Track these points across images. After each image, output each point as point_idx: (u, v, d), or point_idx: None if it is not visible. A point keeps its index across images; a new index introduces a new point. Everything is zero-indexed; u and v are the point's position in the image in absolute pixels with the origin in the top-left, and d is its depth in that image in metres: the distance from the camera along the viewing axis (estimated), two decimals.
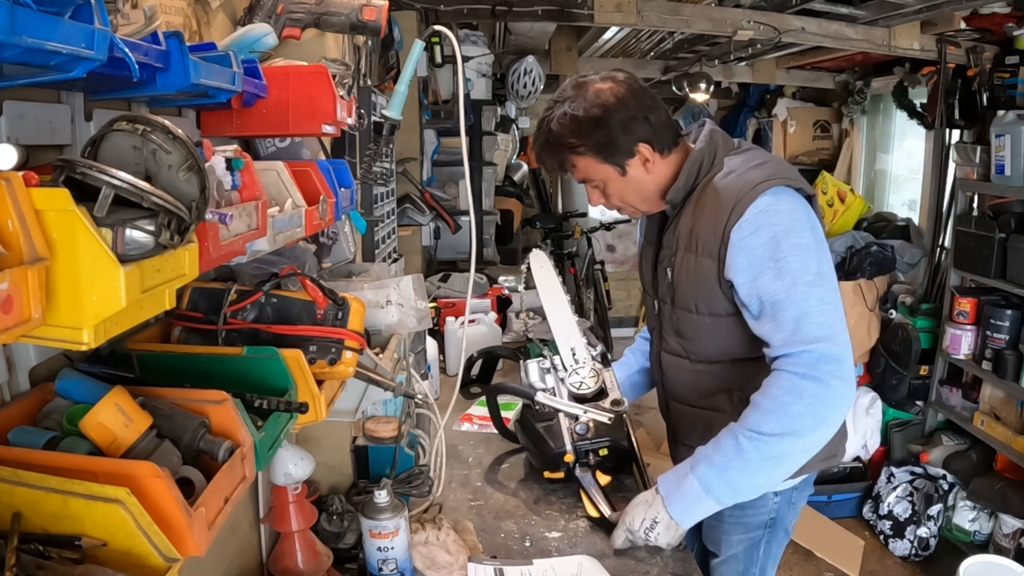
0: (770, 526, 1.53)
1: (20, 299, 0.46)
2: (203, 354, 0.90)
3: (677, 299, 1.46)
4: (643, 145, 1.39)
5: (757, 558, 1.55)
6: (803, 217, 1.33)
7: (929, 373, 3.50)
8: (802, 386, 1.24)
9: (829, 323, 1.27)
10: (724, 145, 1.45)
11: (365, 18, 1.13)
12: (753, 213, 1.30)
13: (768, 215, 1.30)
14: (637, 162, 1.40)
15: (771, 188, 1.32)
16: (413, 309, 1.22)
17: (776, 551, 1.57)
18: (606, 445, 1.58)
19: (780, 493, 1.51)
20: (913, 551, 3.30)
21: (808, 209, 1.35)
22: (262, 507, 1.31)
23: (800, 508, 1.58)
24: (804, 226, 1.32)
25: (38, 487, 0.60)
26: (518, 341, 2.79)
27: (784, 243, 1.29)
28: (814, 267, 1.29)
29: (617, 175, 1.42)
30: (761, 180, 1.33)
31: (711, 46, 4.18)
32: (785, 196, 1.33)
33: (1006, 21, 2.96)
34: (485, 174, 4.10)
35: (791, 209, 1.32)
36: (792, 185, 1.34)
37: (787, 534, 1.58)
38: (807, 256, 1.29)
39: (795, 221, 1.31)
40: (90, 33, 0.53)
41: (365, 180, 1.70)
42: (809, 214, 1.35)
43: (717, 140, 1.44)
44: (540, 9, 2.92)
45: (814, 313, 1.27)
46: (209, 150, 0.72)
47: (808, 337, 1.26)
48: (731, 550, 1.56)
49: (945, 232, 3.61)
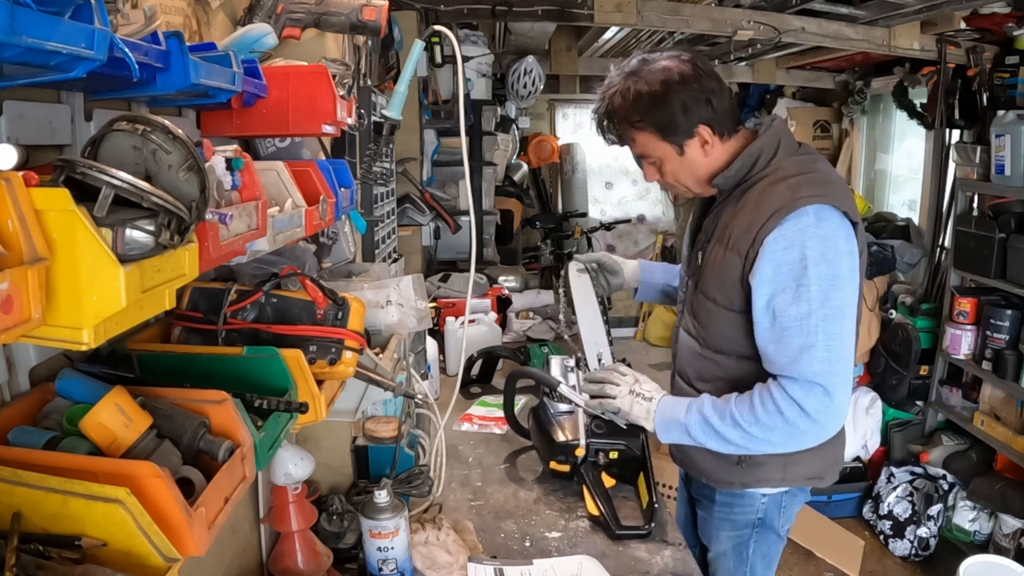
0: (758, 526, 1.54)
1: (20, 299, 0.46)
2: (203, 354, 0.90)
3: (700, 284, 1.47)
4: (703, 127, 1.38)
5: (746, 557, 1.56)
6: (841, 243, 1.29)
7: (929, 373, 3.50)
8: (790, 411, 1.29)
9: (832, 359, 1.28)
10: (786, 145, 1.41)
11: (365, 18, 1.13)
12: (791, 228, 1.28)
13: (805, 235, 1.27)
14: (696, 143, 1.39)
15: (816, 205, 1.28)
16: (413, 309, 1.22)
17: (767, 552, 1.57)
18: (618, 448, 1.59)
19: (768, 496, 1.51)
20: (913, 551, 3.30)
21: (850, 235, 1.31)
22: (262, 507, 1.31)
23: (794, 514, 1.58)
24: (837, 254, 1.28)
25: (38, 487, 0.60)
26: (518, 341, 2.79)
27: (812, 270, 1.27)
28: (837, 299, 1.28)
29: (675, 154, 1.41)
30: (809, 195, 1.29)
31: (711, 46, 4.18)
32: (829, 217, 1.29)
33: (1006, 21, 2.96)
34: (485, 174, 4.10)
35: (831, 234, 1.28)
36: (839, 208, 1.30)
37: (780, 538, 1.58)
38: (831, 287, 1.27)
39: (829, 248, 1.27)
40: (90, 33, 0.53)
41: (365, 180, 1.70)
42: (850, 240, 1.31)
43: (779, 138, 1.40)
44: (540, 9, 2.92)
45: (819, 348, 1.27)
46: (209, 150, 0.72)
47: (807, 371, 1.28)
48: (721, 546, 1.58)
49: (945, 232, 3.60)
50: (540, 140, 5.81)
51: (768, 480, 1.48)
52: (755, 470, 1.46)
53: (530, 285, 3.28)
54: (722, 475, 1.51)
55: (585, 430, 1.60)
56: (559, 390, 1.67)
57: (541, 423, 1.67)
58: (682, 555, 1.41)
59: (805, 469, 1.48)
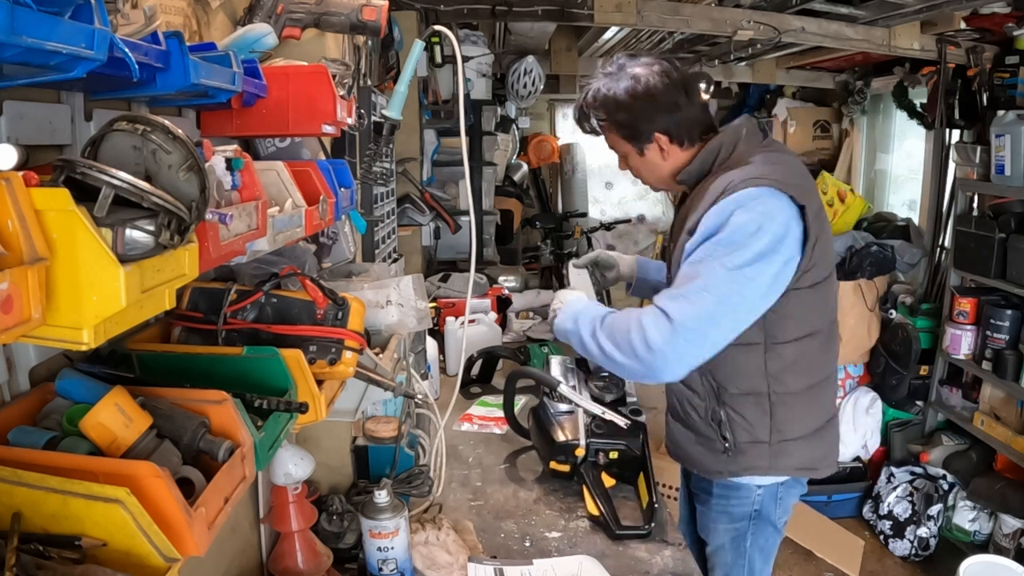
0: (755, 518, 1.55)
1: (20, 299, 0.46)
2: (203, 354, 0.90)
3: (672, 274, 1.51)
4: (661, 135, 1.47)
5: (744, 550, 1.57)
6: (777, 222, 1.30)
7: (929, 373, 3.50)
8: (636, 331, 1.31)
9: (697, 309, 1.28)
10: (748, 139, 1.45)
11: (365, 18, 1.13)
12: (734, 195, 1.32)
13: (744, 199, 1.31)
14: (655, 148, 1.50)
15: (763, 186, 1.31)
16: (413, 309, 1.22)
17: (764, 545, 1.58)
18: (618, 448, 1.59)
19: (764, 487, 1.53)
20: (913, 551, 3.30)
21: (790, 218, 1.32)
22: (262, 507, 1.31)
23: (791, 506, 1.59)
24: (760, 229, 1.29)
25: (38, 487, 0.60)
26: (518, 341, 2.79)
27: (727, 230, 1.30)
28: (745, 259, 1.28)
29: (636, 153, 1.53)
30: (755, 177, 1.33)
31: (711, 46, 4.17)
32: (773, 197, 1.31)
33: (1006, 21, 2.96)
34: (485, 174, 4.10)
35: (764, 212, 1.30)
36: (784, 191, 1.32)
37: (777, 531, 1.59)
38: (746, 247, 1.28)
39: (765, 219, 1.30)
40: (90, 33, 0.53)
41: (365, 180, 1.70)
42: (788, 223, 1.31)
43: (740, 133, 1.45)
44: (540, 9, 2.92)
45: (693, 292, 1.29)
46: (209, 150, 0.72)
47: (670, 305, 1.30)
48: (718, 539, 1.59)
49: (945, 232, 3.60)
50: (540, 140, 5.81)
51: (755, 468, 1.49)
52: (740, 458, 1.48)
53: (530, 285, 3.28)
54: (710, 464, 1.53)
55: (585, 430, 1.61)
56: (559, 390, 1.67)
57: (541, 423, 1.67)
58: (682, 555, 1.41)
59: (794, 459, 1.49)
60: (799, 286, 1.38)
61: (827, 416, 1.54)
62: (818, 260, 1.38)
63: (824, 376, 1.51)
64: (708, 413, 1.50)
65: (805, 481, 1.59)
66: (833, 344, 1.54)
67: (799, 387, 1.46)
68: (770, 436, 1.46)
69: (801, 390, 1.46)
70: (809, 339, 1.45)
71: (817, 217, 1.36)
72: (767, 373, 1.43)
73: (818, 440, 1.50)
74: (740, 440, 1.47)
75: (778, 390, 1.44)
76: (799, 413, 1.47)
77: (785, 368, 1.44)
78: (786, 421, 1.46)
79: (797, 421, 1.47)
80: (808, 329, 1.44)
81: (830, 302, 1.50)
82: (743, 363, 1.43)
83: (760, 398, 1.45)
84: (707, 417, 1.50)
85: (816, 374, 1.48)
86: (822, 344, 1.48)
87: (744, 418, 1.46)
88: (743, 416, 1.46)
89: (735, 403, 1.46)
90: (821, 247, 1.38)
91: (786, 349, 1.43)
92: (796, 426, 1.47)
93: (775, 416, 1.45)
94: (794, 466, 1.50)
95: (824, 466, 1.54)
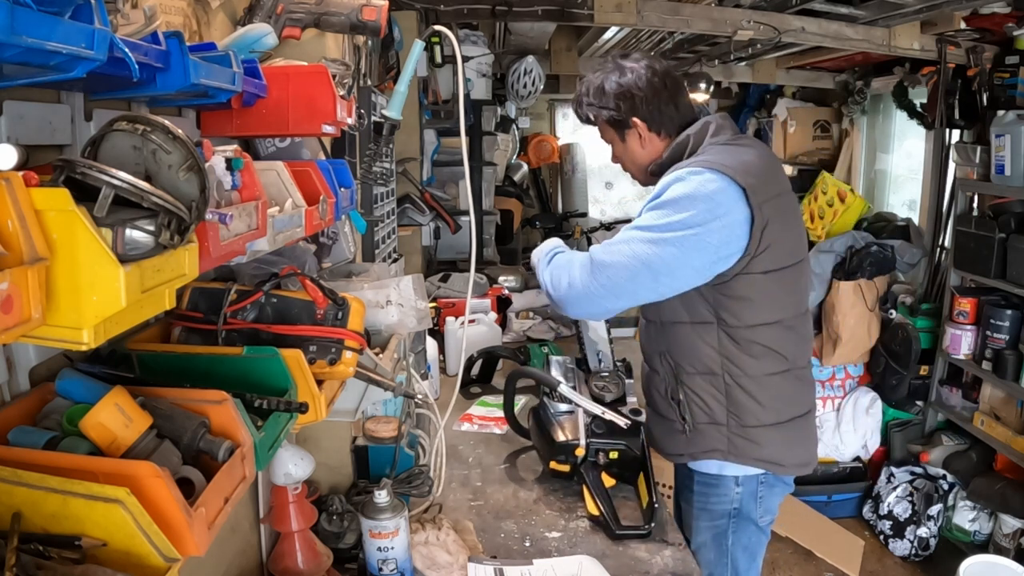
0: (735, 516, 1.57)
1: (20, 299, 0.46)
2: (203, 354, 0.90)
3: None
4: (639, 121, 1.56)
5: (726, 548, 1.59)
6: (710, 199, 1.36)
7: (929, 373, 3.50)
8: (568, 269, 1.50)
9: (621, 256, 1.41)
10: (716, 134, 1.51)
11: (365, 18, 1.13)
12: (676, 172, 1.43)
13: (683, 175, 1.40)
14: (634, 134, 1.59)
15: (706, 167, 1.39)
16: (413, 309, 1.22)
17: (748, 544, 1.59)
18: (618, 448, 1.60)
19: (742, 483, 1.54)
20: (913, 551, 3.30)
21: (730, 197, 1.37)
22: (262, 507, 1.31)
23: (775, 505, 1.59)
24: (703, 203, 1.37)
25: (38, 487, 0.60)
26: (518, 341, 2.79)
27: (670, 196, 1.40)
28: (668, 223, 1.38)
29: (619, 140, 1.63)
30: (704, 161, 1.41)
31: (711, 46, 4.18)
32: (714, 178, 1.38)
33: (1006, 21, 2.96)
34: (485, 174, 4.10)
35: (706, 186, 1.37)
36: (725, 173, 1.38)
37: (760, 530, 1.59)
38: (671, 215, 1.38)
39: (698, 193, 1.37)
40: (90, 33, 0.53)
41: (365, 180, 1.69)
42: (727, 205, 1.37)
43: (708, 128, 1.52)
44: (540, 9, 2.92)
45: (620, 248, 1.42)
46: (209, 150, 0.72)
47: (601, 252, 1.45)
48: (700, 536, 1.61)
49: (945, 232, 3.60)
50: (540, 140, 5.82)
51: (714, 451, 1.52)
52: (698, 438, 1.52)
53: (530, 285, 3.27)
54: (671, 445, 1.59)
55: (585, 430, 1.61)
56: (559, 390, 1.67)
57: (541, 423, 1.67)
58: (682, 555, 1.41)
59: (755, 450, 1.50)
60: (750, 271, 1.41)
61: (797, 411, 1.54)
62: (772, 245, 1.41)
63: (789, 367, 1.51)
64: (668, 392, 1.56)
65: (790, 480, 1.59)
66: (803, 337, 1.56)
67: (757, 373, 1.48)
68: (727, 419, 1.50)
69: (760, 376, 1.48)
70: (770, 327, 1.47)
71: (771, 203, 1.40)
72: (721, 354, 1.48)
73: (783, 434, 1.51)
74: (698, 421, 1.52)
75: (733, 373, 1.48)
76: (759, 400, 1.49)
77: (740, 352, 1.47)
78: (743, 406, 1.49)
79: (757, 408, 1.49)
80: (768, 317, 1.47)
81: (797, 294, 1.52)
82: (697, 342, 1.49)
83: (715, 379, 1.50)
84: (667, 397, 1.56)
85: (779, 364, 1.49)
86: (786, 334, 1.49)
87: (700, 398, 1.51)
88: (699, 396, 1.51)
89: (692, 383, 1.52)
90: (778, 234, 1.41)
91: (740, 333, 1.47)
92: (755, 414, 1.49)
93: (730, 398, 1.49)
94: (756, 456, 1.51)
95: (791, 464, 1.54)
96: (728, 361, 1.48)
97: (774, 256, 1.42)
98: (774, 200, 1.41)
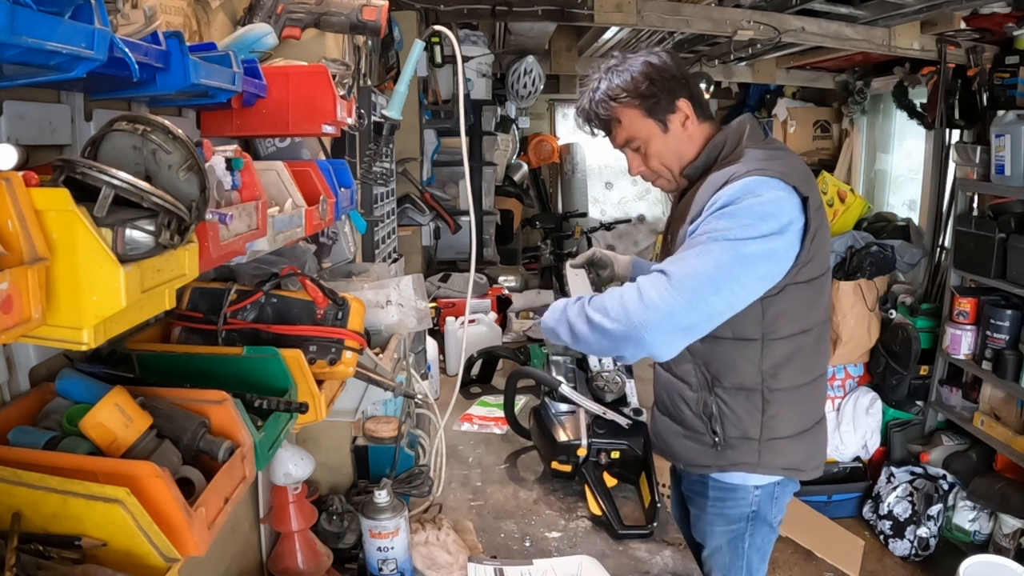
0: (752, 519, 1.55)
1: (20, 299, 0.46)
2: (203, 354, 0.90)
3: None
4: (684, 101, 1.47)
5: (742, 551, 1.57)
6: (783, 211, 1.31)
7: (929, 373, 3.50)
8: (630, 290, 1.31)
9: (703, 266, 1.28)
10: (752, 135, 1.46)
11: (365, 18, 1.13)
12: (743, 181, 1.32)
13: (753, 185, 1.31)
14: (677, 119, 1.48)
15: (769, 176, 1.32)
16: (413, 309, 1.22)
17: (761, 544, 1.58)
18: (620, 448, 1.60)
19: (761, 487, 1.52)
20: (913, 551, 3.29)
21: (793, 207, 1.33)
22: (262, 507, 1.31)
23: (785, 504, 1.59)
24: (765, 214, 1.30)
25: (38, 487, 0.60)
26: (518, 341, 2.79)
27: (747, 206, 1.29)
28: (749, 235, 1.28)
29: (660, 131, 1.49)
30: (758, 168, 1.34)
31: (711, 46, 4.18)
32: (773, 187, 1.32)
33: (1006, 21, 2.96)
34: (485, 174, 4.10)
35: (779, 198, 1.31)
36: (788, 181, 1.33)
37: (772, 529, 1.59)
38: (751, 227, 1.28)
39: (773, 206, 1.30)
40: (90, 33, 0.53)
41: (365, 180, 1.69)
42: (790, 212, 1.32)
43: (744, 129, 1.47)
44: (540, 9, 2.92)
45: (693, 258, 1.29)
46: (209, 150, 0.72)
47: (671, 266, 1.30)
48: (716, 541, 1.58)
49: (945, 232, 3.60)
50: (540, 140, 5.81)
51: (743, 464, 1.49)
52: (729, 452, 1.48)
53: (530, 285, 3.28)
54: (696, 458, 1.53)
55: (587, 430, 1.61)
56: (560, 390, 1.68)
57: (542, 423, 1.68)
58: (682, 555, 1.41)
59: (781, 459, 1.49)
60: (797, 280, 1.38)
61: (816, 418, 1.54)
62: (815, 254, 1.39)
63: (815, 376, 1.51)
64: (700, 406, 1.50)
65: (799, 480, 1.59)
66: (824, 344, 1.55)
67: (791, 385, 1.46)
68: (760, 433, 1.46)
69: (793, 388, 1.47)
70: (802, 336, 1.45)
71: (817, 211, 1.37)
72: (761, 369, 1.44)
73: (806, 441, 1.50)
74: (730, 435, 1.47)
75: (771, 386, 1.45)
76: (789, 412, 1.47)
77: (779, 364, 1.44)
78: (776, 419, 1.46)
79: (787, 420, 1.47)
80: (802, 326, 1.44)
81: (823, 301, 1.51)
82: (739, 358, 1.44)
83: (752, 394, 1.45)
84: (698, 410, 1.50)
85: (809, 373, 1.49)
86: (814, 343, 1.48)
87: (735, 413, 1.47)
88: (734, 411, 1.47)
89: (728, 397, 1.47)
90: (819, 242, 1.39)
91: (781, 345, 1.43)
92: (786, 425, 1.47)
93: (766, 413, 1.46)
94: (781, 465, 1.50)
95: (810, 468, 1.54)
96: (767, 375, 1.44)
97: (815, 265, 1.40)
98: (820, 207, 1.39)
